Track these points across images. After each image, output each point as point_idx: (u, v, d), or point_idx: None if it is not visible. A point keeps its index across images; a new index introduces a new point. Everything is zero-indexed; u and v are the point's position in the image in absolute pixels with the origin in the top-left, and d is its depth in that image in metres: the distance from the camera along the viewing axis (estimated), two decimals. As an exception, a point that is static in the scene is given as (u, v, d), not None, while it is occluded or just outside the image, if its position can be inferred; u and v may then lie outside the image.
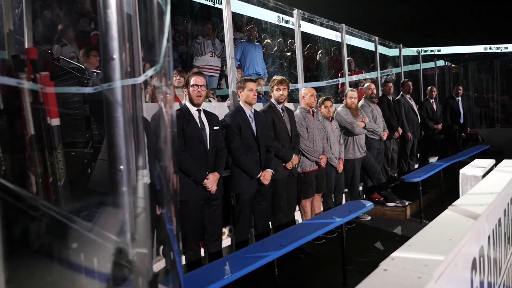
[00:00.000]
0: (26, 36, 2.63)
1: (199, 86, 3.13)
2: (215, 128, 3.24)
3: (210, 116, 3.29)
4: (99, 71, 4.50)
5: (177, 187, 0.90)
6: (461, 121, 7.72)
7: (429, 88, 7.36)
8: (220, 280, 1.91)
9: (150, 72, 0.85)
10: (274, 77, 3.96)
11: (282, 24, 6.04)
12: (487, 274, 1.75)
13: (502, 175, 2.59)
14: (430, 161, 7.15)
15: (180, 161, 3.01)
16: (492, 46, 13.01)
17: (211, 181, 3.09)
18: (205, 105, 3.42)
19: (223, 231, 3.69)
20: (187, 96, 3.20)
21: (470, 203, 1.85)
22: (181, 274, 0.84)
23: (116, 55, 1.02)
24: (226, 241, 3.71)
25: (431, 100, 7.19)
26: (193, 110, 3.18)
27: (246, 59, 6.10)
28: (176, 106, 3.65)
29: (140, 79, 0.85)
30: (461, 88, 7.88)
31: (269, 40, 6.99)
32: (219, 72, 6.19)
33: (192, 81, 3.15)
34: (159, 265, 3.40)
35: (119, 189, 1.01)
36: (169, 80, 0.90)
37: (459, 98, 7.74)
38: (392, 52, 8.61)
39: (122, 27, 1.00)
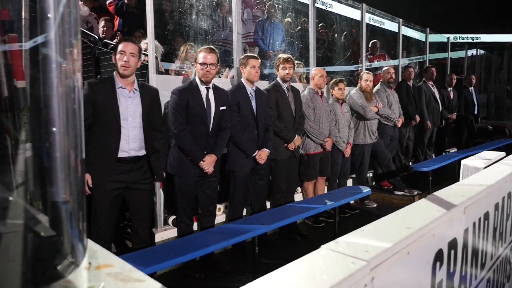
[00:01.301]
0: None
1: (208, 65, 2.98)
2: (221, 108, 3.11)
3: (219, 94, 3.14)
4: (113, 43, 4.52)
5: (78, 164, 0.87)
6: (475, 112, 7.41)
7: (448, 75, 7.02)
8: (181, 256, 1.92)
9: (40, 39, 0.82)
10: (279, 55, 3.86)
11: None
12: (461, 267, 1.67)
13: (503, 168, 2.44)
14: (448, 152, 6.90)
15: (180, 140, 2.98)
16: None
17: (208, 163, 3.03)
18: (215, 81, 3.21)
19: (218, 207, 3.70)
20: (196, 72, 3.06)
21: (452, 194, 1.76)
22: (80, 249, 0.83)
23: (51, 14, 0.99)
24: (221, 217, 3.73)
25: (449, 89, 6.81)
26: (201, 87, 3.06)
27: (265, 38, 5.98)
28: (179, 80, 3.63)
29: (28, 44, 0.82)
30: (474, 77, 7.51)
31: (289, 19, 6.78)
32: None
33: (201, 59, 3.00)
34: (165, 234, 3.48)
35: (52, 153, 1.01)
36: (68, 49, 0.87)
37: (472, 88, 7.39)
38: (430, 38, 8.17)
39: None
